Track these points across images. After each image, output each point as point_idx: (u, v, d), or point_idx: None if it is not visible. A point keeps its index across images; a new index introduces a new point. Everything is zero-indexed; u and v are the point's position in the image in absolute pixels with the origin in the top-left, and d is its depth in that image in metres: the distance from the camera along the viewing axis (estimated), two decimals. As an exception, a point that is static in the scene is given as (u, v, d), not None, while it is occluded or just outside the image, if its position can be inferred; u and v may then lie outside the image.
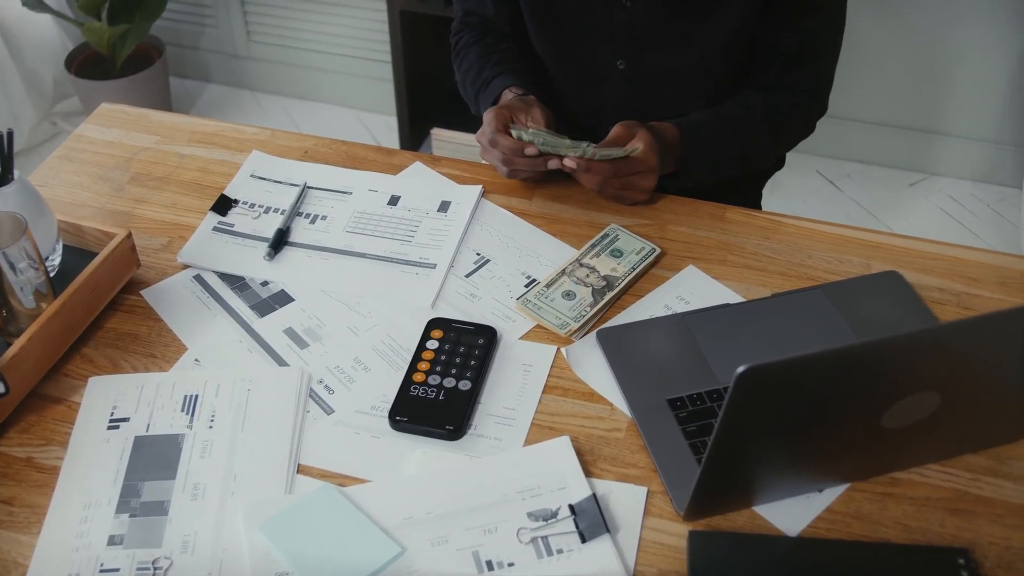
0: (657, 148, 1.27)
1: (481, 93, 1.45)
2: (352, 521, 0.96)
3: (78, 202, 1.35)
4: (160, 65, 2.91)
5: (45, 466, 1.03)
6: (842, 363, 0.81)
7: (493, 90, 1.42)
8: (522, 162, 1.27)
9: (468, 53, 1.50)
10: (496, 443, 1.05)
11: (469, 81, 1.48)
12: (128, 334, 1.17)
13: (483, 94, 1.44)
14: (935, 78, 2.66)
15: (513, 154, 1.26)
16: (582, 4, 1.38)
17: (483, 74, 1.45)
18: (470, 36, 1.52)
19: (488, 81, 1.43)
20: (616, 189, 1.29)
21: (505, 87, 1.40)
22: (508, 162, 1.28)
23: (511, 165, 1.29)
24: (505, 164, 1.29)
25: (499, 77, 1.42)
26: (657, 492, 1.00)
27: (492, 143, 1.28)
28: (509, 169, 1.30)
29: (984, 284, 1.22)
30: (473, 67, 1.47)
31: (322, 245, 1.28)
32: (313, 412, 1.08)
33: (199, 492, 1.00)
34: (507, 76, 1.42)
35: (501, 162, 1.29)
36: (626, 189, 1.29)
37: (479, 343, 1.13)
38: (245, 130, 1.48)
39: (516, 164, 1.28)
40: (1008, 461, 1.03)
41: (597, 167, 1.25)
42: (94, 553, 0.95)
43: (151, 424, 1.06)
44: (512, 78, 1.41)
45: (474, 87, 1.47)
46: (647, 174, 1.28)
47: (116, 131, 1.48)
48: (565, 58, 1.46)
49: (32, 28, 2.89)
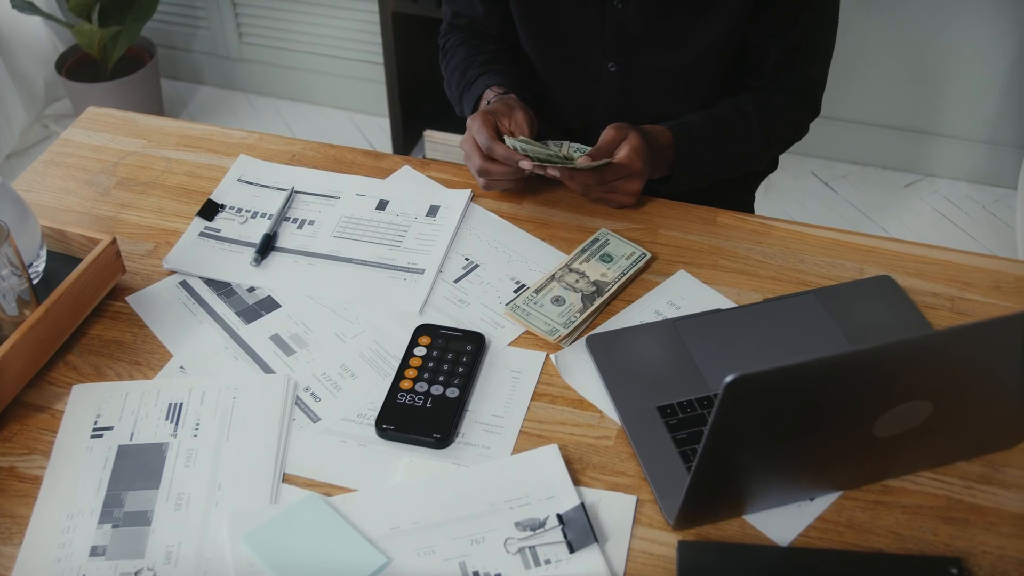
0: (643, 152, 1.25)
1: (465, 93, 1.44)
2: (337, 531, 0.94)
3: (64, 207, 1.34)
4: (152, 67, 2.89)
5: (28, 475, 1.02)
6: (832, 371, 0.80)
7: (476, 90, 1.41)
8: (498, 171, 1.26)
9: (455, 54, 1.49)
10: (484, 451, 1.04)
11: (455, 81, 1.47)
12: (113, 341, 1.16)
13: (467, 94, 1.44)
14: (930, 78, 2.65)
15: (507, 164, 1.25)
16: (573, 6, 1.37)
17: (467, 74, 1.44)
18: (457, 37, 1.51)
19: (472, 81, 1.43)
20: (601, 193, 1.28)
21: (487, 87, 1.39)
22: (485, 172, 1.27)
23: (487, 175, 1.28)
24: (482, 175, 1.28)
25: (483, 77, 1.41)
26: (647, 501, 0.99)
27: (488, 151, 1.26)
28: (487, 180, 1.29)
29: (977, 288, 1.21)
30: (459, 67, 1.47)
31: (309, 250, 1.27)
32: (299, 420, 1.07)
33: (183, 502, 0.98)
34: (490, 76, 1.41)
35: (478, 172, 1.28)
36: (611, 193, 1.28)
37: (467, 349, 1.12)
38: (233, 134, 1.46)
39: (493, 174, 1.27)
40: (1002, 468, 1.02)
41: (580, 175, 1.24)
42: (76, 564, 0.93)
43: (135, 433, 1.05)
44: (495, 78, 1.40)
45: (459, 88, 1.46)
46: (632, 178, 1.27)
47: (103, 135, 1.46)
48: (556, 60, 1.44)
49: (22, 30, 2.88)
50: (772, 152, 1.48)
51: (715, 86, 1.41)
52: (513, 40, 1.47)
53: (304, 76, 3.09)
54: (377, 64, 2.93)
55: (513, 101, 1.32)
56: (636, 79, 1.40)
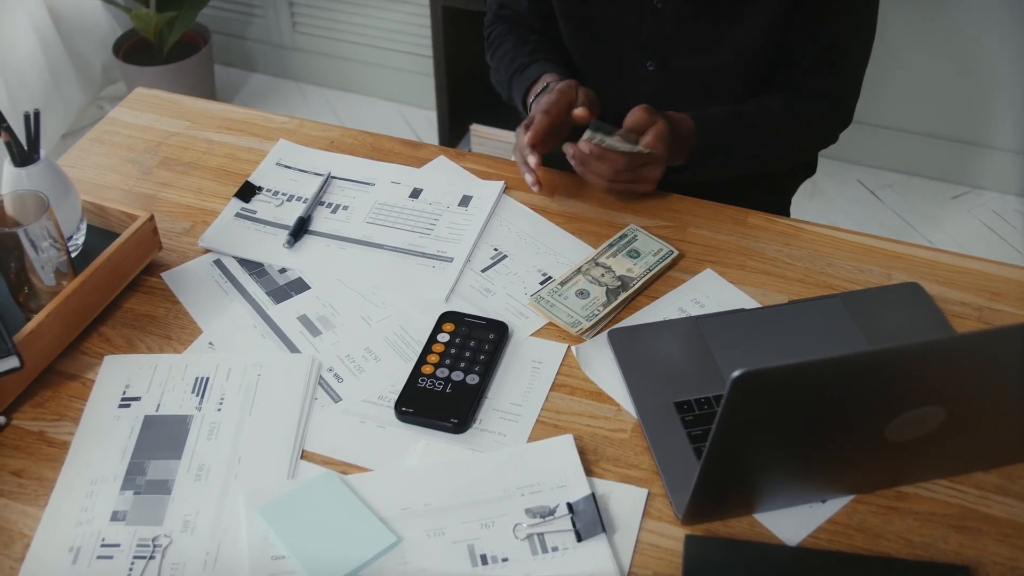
0: (667, 138, 1.26)
1: (516, 77, 1.45)
2: (350, 509, 0.96)
3: (107, 184, 1.37)
4: (206, 53, 2.95)
5: (56, 440, 1.05)
6: (841, 372, 0.80)
7: (529, 75, 1.42)
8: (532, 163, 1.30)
9: (503, 42, 1.52)
10: (500, 438, 1.05)
11: (503, 67, 1.49)
12: (146, 315, 1.19)
13: (517, 78, 1.45)
14: (981, 88, 2.62)
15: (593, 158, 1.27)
16: (612, 5, 1.37)
17: (517, 60, 1.46)
18: (503, 27, 1.54)
19: (524, 67, 1.44)
20: (625, 182, 1.28)
21: (543, 72, 1.40)
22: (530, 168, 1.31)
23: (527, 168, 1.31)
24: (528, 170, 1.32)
25: (536, 64, 1.43)
26: (658, 495, 0.99)
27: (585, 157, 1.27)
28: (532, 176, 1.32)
29: (1008, 299, 1.20)
30: (508, 54, 1.49)
31: (341, 235, 1.29)
32: (321, 399, 1.09)
33: (203, 473, 1.01)
34: (543, 64, 1.42)
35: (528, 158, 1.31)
36: (635, 182, 1.29)
37: (490, 338, 1.13)
38: (274, 119, 1.49)
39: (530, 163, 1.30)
40: (1020, 480, 1.01)
41: (611, 157, 1.24)
42: (97, 528, 0.96)
43: (161, 404, 1.07)
44: (549, 66, 1.42)
45: (507, 72, 1.47)
46: (653, 165, 1.27)
47: (148, 116, 1.50)
48: (595, 57, 1.45)
49: (82, 14, 2.95)
50: (796, 155, 1.48)
51: (751, 87, 1.40)
52: (555, 34, 1.48)
53: (355, 67, 3.12)
54: (426, 57, 2.96)
55: (576, 85, 1.33)
56: (673, 79, 1.41)
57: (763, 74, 1.40)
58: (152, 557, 0.94)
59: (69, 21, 2.92)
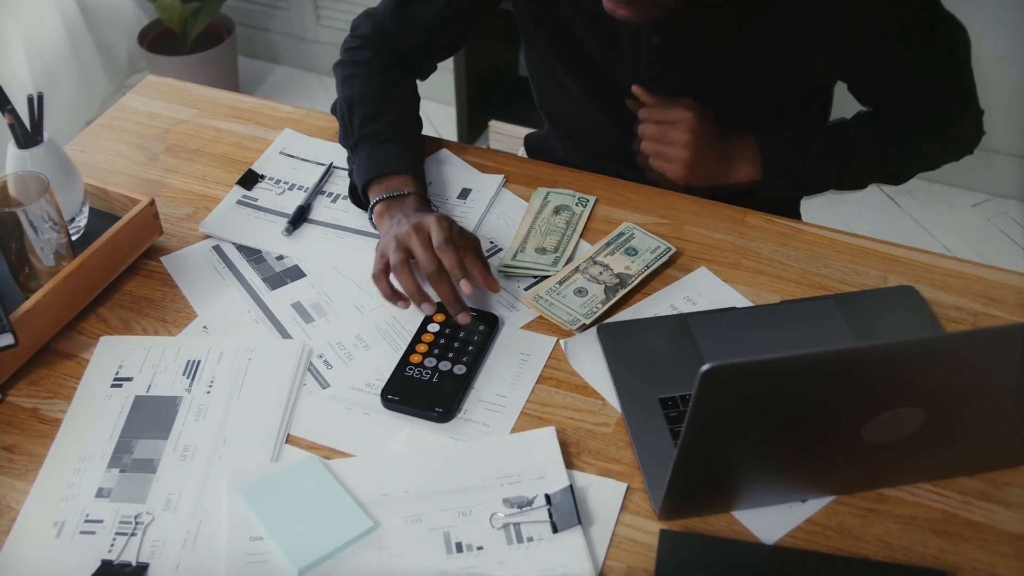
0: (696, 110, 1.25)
1: (367, 144, 1.29)
2: (330, 493, 0.97)
3: (113, 169, 1.39)
4: (229, 44, 2.98)
5: (49, 418, 1.07)
6: (812, 369, 0.80)
7: (384, 162, 1.27)
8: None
9: (367, 81, 1.35)
10: (484, 428, 1.06)
11: (356, 115, 1.31)
12: (143, 298, 1.20)
13: (368, 146, 1.28)
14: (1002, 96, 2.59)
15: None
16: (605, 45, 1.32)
17: (377, 123, 1.30)
18: (375, 58, 1.37)
19: (382, 141, 1.29)
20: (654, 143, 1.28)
21: (402, 171, 1.26)
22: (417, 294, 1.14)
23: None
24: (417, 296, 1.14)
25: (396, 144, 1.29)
26: (637, 489, 1.00)
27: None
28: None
29: (1004, 305, 1.19)
30: (367, 102, 1.32)
31: (340, 224, 1.30)
32: (309, 385, 1.10)
33: (189, 453, 1.02)
34: (403, 152, 1.29)
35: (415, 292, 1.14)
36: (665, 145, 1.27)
37: (480, 329, 1.14)
38: (281, 108, 1.51)
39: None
40: (1004, 487, 1.00)
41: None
42: (82, 504, 0.98)
43: (152, 385, 1.09)
44: (407, 157, 1.29)
45: (358, 127, 1.30)
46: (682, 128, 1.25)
47: (158, 102, 1.52)
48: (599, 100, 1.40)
49: (109, 3, 2.99)
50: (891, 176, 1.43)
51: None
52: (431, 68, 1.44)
53: (377, 61, 3.13)
54: (447, 53, 2.97)
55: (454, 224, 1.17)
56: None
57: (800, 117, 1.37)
58: (133, 534, 0.95)
59: (96, 10, 2.96)
